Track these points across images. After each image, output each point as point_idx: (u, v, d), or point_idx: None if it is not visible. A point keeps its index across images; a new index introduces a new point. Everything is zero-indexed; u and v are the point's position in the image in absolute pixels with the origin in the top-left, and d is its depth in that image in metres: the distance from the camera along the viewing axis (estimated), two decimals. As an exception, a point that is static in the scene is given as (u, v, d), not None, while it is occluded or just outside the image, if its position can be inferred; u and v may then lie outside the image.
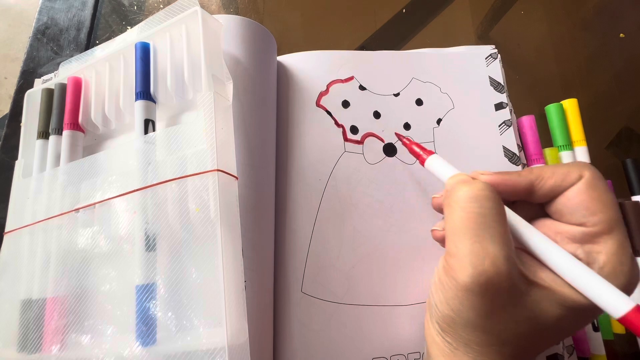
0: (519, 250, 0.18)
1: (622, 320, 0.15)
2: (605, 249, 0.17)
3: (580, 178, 0.18)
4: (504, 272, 0.16)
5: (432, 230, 0.21)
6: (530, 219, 0.19)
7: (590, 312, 0.17)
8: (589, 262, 0.17)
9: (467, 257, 0.16)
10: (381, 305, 0.24)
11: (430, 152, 0.23)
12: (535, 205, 0.19)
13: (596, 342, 0.25)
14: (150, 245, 0.20)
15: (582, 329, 0.25)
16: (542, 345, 0.18)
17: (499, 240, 0.16)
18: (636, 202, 0.28)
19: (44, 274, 0.22)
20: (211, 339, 0.17)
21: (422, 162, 0.23)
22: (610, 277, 0.16)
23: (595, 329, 0.25)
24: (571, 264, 0.16)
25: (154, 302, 0.19)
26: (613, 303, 0.15)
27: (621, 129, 0.33)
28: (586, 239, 0.17)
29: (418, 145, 0.24)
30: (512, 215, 0.18)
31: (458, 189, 0.18)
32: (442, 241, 0.20)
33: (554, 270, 0.17)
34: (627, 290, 0.16)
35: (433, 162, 0.22)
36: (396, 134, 0.27)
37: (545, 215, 0.19)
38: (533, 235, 0.18)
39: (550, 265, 0.17)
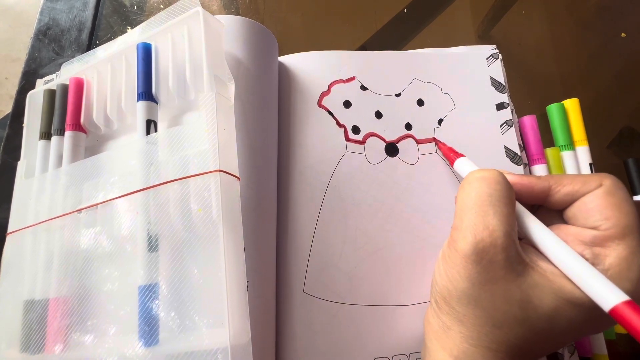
0: (526, 243, 0.19)
1: (611, 312, 0.15)
2: (615, 253, 0.17)
3: (599, 186, 0.18)
4: (499, 245, 0.17)
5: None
6: (548, 225, 0.19)
7: (588, 311, 0.16)
8: (594, 263, 0.17)
9: (469, 228, 0.17)
10: (384, 305, 0.24)
11: (460, 155, 0.25)
12: (555, 212, 0.20)
13: (598, 341, 0.25)
14: (152, 245, 0.20)
15: (584, 335, 0.25)
16: (539, 343, 0.18)
17: (500, 217, 0.17)
18: (638, 202, 0.28)
19: (47, 274, 0.23)
20: (214, 339, 0.17)
21: (452, 163, 0.25)
22: (614, 279, 0.16)
23: (597, 328, 0.25)
24: (567, 253, 0.17)
25: (156, 302, 0.19)
26: (603, 294, 0.15)
27: (622, 128, 0.33)
28: (596, 242, 0.17)
29: (451, 149, 0.26)
30: (518, 206, 0.19)
31: (473, 173, 0.19)
32: None
33: (550, 258, 0.17)
34: (636, 299, 0.16)
35: (461, 163, 0.25)
36: (434, 139, 0.28)
37: (564, 222, 0.19)
38: (535, 225, 0.18)
39: (546, 253, 0.17)
